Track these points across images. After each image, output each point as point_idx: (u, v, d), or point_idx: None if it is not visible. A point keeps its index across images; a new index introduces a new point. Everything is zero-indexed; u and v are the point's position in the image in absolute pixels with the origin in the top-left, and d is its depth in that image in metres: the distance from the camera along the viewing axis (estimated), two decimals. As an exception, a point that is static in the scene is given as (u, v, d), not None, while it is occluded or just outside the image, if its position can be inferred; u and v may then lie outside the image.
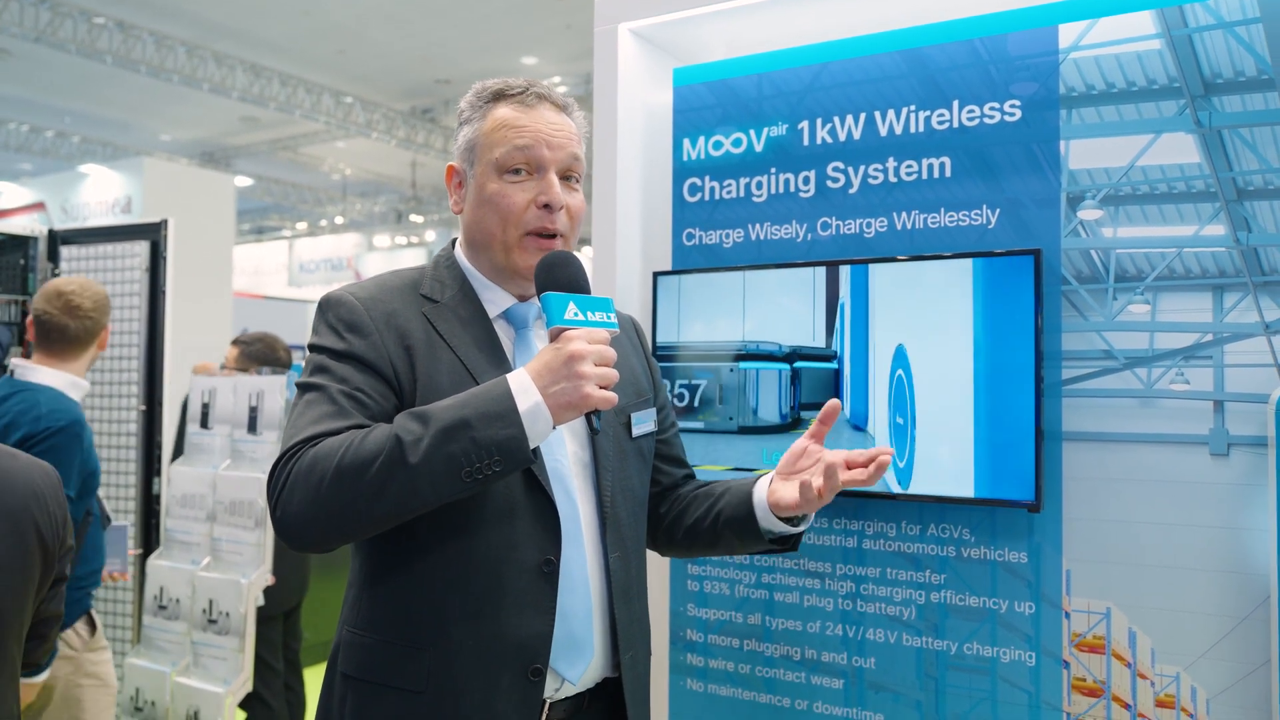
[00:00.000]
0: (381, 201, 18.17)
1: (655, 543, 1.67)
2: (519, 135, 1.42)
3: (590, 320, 1.32)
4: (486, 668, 1.34)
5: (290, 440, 1.30)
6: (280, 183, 17.21)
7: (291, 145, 14.95)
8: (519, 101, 1.44)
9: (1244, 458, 1.69)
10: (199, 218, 3.51)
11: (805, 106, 2.09)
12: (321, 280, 17.72)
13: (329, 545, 1.30)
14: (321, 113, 12.57)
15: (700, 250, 2.22)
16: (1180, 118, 1.74)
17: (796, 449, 1.49)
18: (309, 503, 1.24)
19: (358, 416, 1.32)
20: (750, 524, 1.49)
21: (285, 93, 12.08)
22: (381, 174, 16.81)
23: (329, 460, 1.24)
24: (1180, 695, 1.74)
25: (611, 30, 2.25)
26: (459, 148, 1.49)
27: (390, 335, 1.38)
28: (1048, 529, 1.84)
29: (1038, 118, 1.86)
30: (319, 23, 10.39)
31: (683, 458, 1.71)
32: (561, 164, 1.44)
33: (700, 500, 1.59)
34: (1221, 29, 1.71)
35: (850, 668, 2.02)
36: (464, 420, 1.24)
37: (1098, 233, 1.81)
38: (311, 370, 1.38)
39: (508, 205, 1.42)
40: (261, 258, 18.78)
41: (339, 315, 1.40)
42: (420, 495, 1.24)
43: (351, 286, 1.45)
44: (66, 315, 2.50)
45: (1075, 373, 1.83)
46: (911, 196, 1.99)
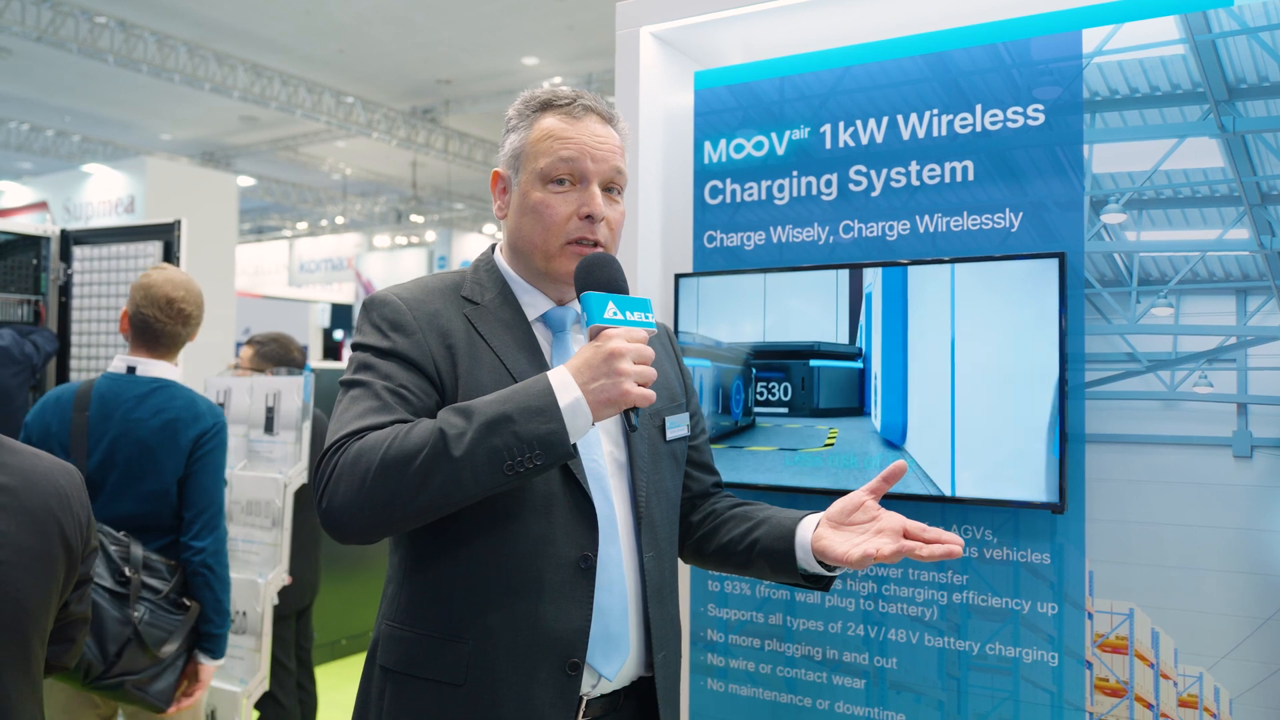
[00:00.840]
0: (382, 201, 18.17)
1: (682, 551, 1.68)
2: (564, 146, 1.45)
3: (629, 320, 1.34)
4: (524, 659, 1.36)
5: (336, 434, 1.33)
6: (280, 182, 17.21)
7: (292, 145, 14.95)
8: (566, 112, 1.47)
9: (1267, 460, 1.71)
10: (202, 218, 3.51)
11: (827, 110, 2.10)
12: (321, 280, 17.74)
13: (372, 536, 1.33)
14: (322, 112, 12.56)
15: (721, 252, 2.23)
16: (1204, 122, 1.76)
17: (854, 502, 1.47)
18: (354, 494, 1.27)
19: (401, 412, 1.35)
20: (788, 560, 1.50)
21: (286, 92, 12.07)
22: (382, 174, 16.81)
23: (374, 453, 1.27)
24: (1203, 695, 1.75)
25: (633, 33, 2.26)
26: (505, 155, 1.52)
27: (433, 335, 1.42)
28: (1071, 530, 1.85)
29: (1061, 122, 1.87)
30: (320, 22, 10.39)
31: (712, 464, 1.73)
32: (604, 176, 1.47)
33: (737, 521, 1.60)
34: (1245, 34, 1.72)
35: (872, 668, 2.03)
36: (506, 415, 1.26)
37: (1121, 236, 1.83)
38: (356, 367, 1.41)
39: (550, 215, 1.45)
40: (262, 257, 18.78)
41: (383, 315, 1.43)
42: (463, 487, 1.26)
43: (395, 288, 1.48)
44: (179, 322, 2.53)
45: (1098, 375, 1.84)
46: (934, 200, 2.00)
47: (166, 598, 2.34)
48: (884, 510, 1.44)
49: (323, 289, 17.37)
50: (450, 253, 16.46)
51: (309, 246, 18.78)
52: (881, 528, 1.41)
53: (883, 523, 1.42)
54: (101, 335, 3.56)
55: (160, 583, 2.34)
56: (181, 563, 2.42)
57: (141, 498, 2.41)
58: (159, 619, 2.32)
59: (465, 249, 16.91)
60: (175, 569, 2.39)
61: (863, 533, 1.43)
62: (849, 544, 1.41)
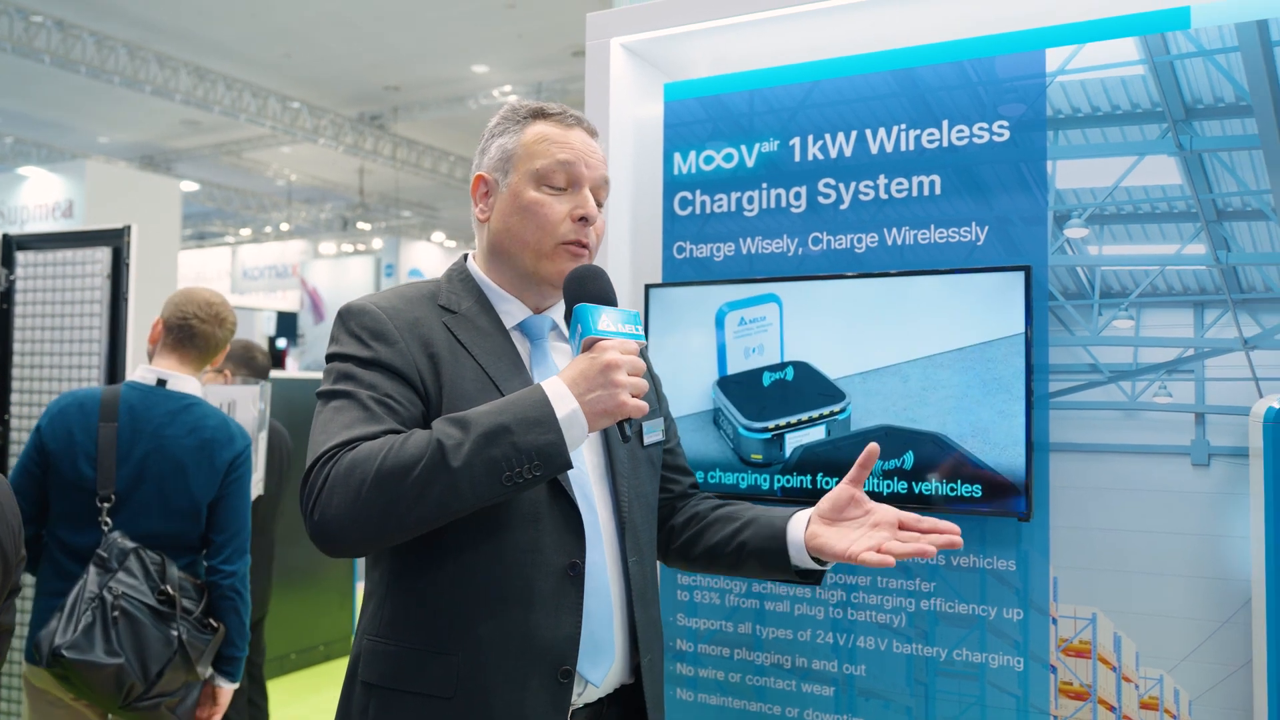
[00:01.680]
0: (328, 208, 17.92)
1: (666, 555, 1.69)
2: (562, 150, 1.47)
3: (622, 332, 1.35)
4: (516, 669, 1.36)
5: (325, 445, 1.31)
6: (223, 188, 16.88)
7: (235, 150, 14.68)
8: (558, 120, 1.51)
9: (1224, 468, 1.76)
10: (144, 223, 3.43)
11: (797, 123, 2.13)
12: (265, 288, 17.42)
13: (366, 549, 1.32)
14: (267, 117, 12.37)
15: (691, 263, 2.24)
16: (1162, 141, 1.82)
17: (842, 497, 1.49)
18: (349, 505, 1.26)
19: (390, 422, 1.34)
20: (780, 558, 1.52)
21: (230, 96, 11.86)
22: (328, 180, 16.58)
23: (369, 463, 1.26)
24: (1164, 697, 1.80)
25: (604, 45, 2.27)
26: (491, 159, 1.52)
27: (415, 344, 1.41)
28: (1035, 537, 1.89)
29: (1025, 138, 1.92)
30: (266, 25, 10.23)
31: (688, 467, 1.76)
32: (595, 183, 1.50)
33: (723, 523, 1.62)
34: (1202, 57, 1.78)
35: (841, 675, 2.05)
36: (504, 425, 1.26)
37: (1083, 250, 1.88)
38: (336, 378, 1.40)
39: (545, 214, 1.46)
40: (204, 264, 18.39)
41: (362, 324, 1.42)
42: (461, 498, 1.26)
43: (371, 297, 1.47)
44: (215, 325, 2.51)
45: (1062, 386, 1.88)
46: (902, 213, 2.03)
47: (198, 619, 2.31)
48: (875, 503, 1.47)
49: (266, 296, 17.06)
50: (398, 261, 16.29)
51: (253, 253, 18.44)
52: (877, 521, 1.44)
53: (877, 516, 1.45)
54: (47, 344, 3.46)
55: (191, 603, 2.31)
56: (208, 585, 2.39)
57: (171, 516, 2.37)
58: (195, 639, 2.30)
59: (413, 257, 16.76)
60: (201, 589, 2.36)
61: (858, 527, 1.45)
62: (847, 540, 1.44)
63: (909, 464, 1.92)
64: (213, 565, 2.41)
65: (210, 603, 2.37)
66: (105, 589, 2.20)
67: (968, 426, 1.86)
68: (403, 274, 16.31)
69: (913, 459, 1.91)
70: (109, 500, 2.33)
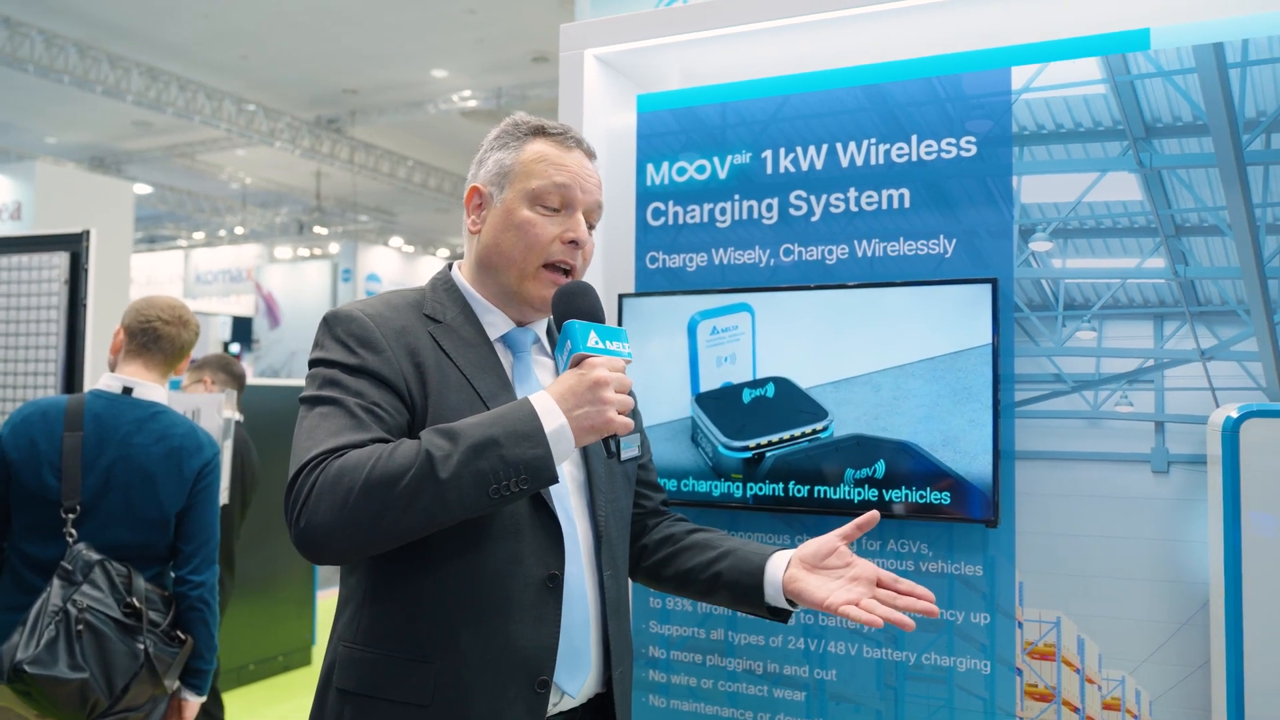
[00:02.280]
0: (284, 212, 17.70)
1: (633, 572, 1.71)
2: (559, 172, 1.48)
3: (610, 349, 1.37)
4: (494, 677, 1.37)
5: (311, 451, 1.31)
6: (176, 190, 16.60)
7: (188, 152, 14.46)
8: (559, 141, 1.51)
9: (1183, 475, 1.82)
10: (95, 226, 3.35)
11: (769, 136, 2.16)
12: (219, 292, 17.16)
13: (351, 556, 1.32)
14: (222, 119, 12.19)
15: (663, 273, 2.27)
16: (1124, 158, 1.88)
17: (827, 546, 1.51)
18: (336, 513, 1.26)
19: (378, 430, 1.34)
20: (755, 594, 1.55)
21: (184, 98, 11.68)
22: (284, 184, 16.38)
23: (357, 471, 1.26)
24: (1125, 698, 1.85)
25: (577, 56, 2.28)
26: (488, 171, 1.53)
27: (402, 352, 1.41)
28: (1002, 543, 1.94)
29: (992, 154, 1.97)
30: (220, 26, 10.09)
31: (659, 483, 1.78)
32: (588, 208, 1.52)
33: (697, 550, 1.63)
34: (1161, 77, 1.84)
35: (812, 680, 2.08)
36: (493, 438, 1.28)
37: (1048, 263, 1.93)
38: (321, 384, 1.39)
39: (535, 234, 1.47)
40: (155, 267, 18.06)
41: (349, 330, 1.41)
42: (448, 509, 1.27)
43: (358, 303, 1.47)
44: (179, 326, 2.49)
45: (1027, 395, 1.93)
46: (871, 225, 2.07)
47: (165, 631, 2.27)
48: (856, 557, 1.50)
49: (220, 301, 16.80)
50: (355, 266, 16.13)
51: (206, 257, 18.16)
52: (856, 575, 1.47)
53: (856, 570, 1.48)
54: (3, 350, 3.39)
55: (158, 615, 2.27)
56: (176, 595, 2.35)
57: (139, 526, 2.33)
58: (162, 651, 2.26)
59: (370, 262, 16.61)
60: (169, 600, 2.32)
61: (837, 578, 1.48)
62: (826, 590, 1.47)
63: (880, 473, 1.95)
64: (181, 575, 2.38)
65: (178, 614, 2.33)
66: (69, 602, 2.16)
67: (938, 435, 1.90)
68: (360, 279, 16.15)
69: (884, 467, 1.95)
70: (74, 511, 2.29)
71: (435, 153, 15.07)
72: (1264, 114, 1.77)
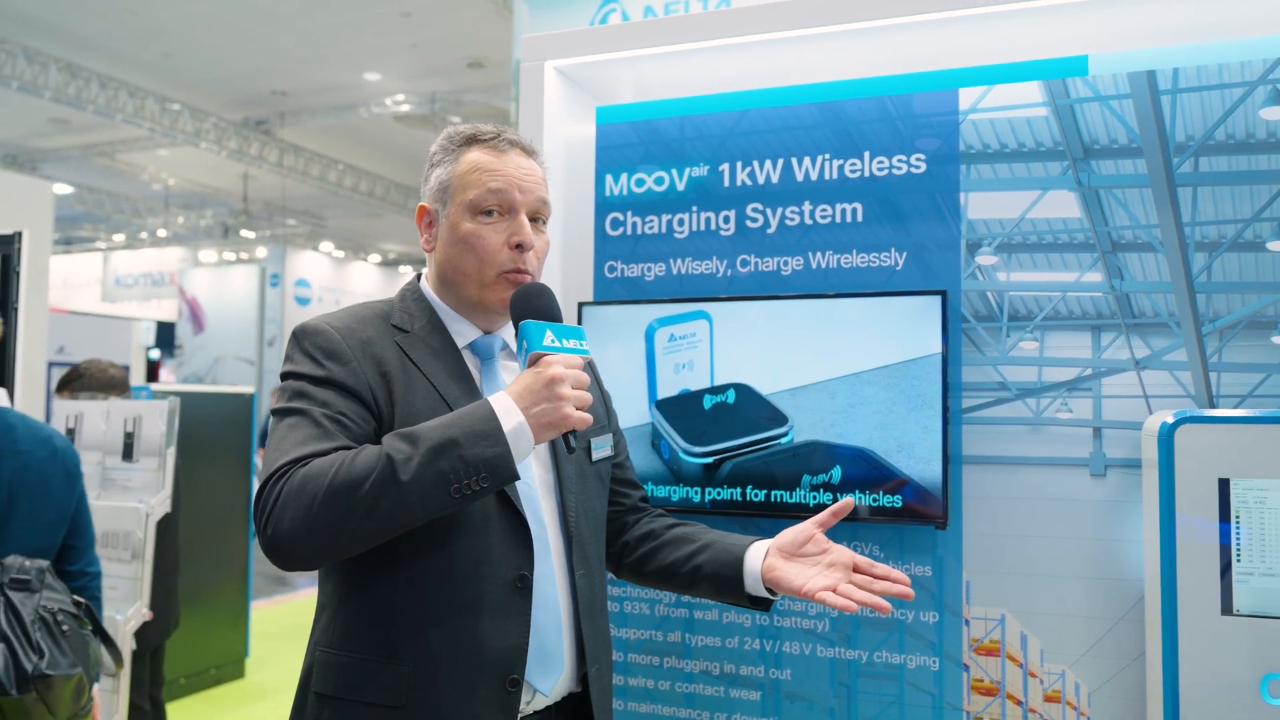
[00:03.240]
0: (209, 215, 17.26)
1: (618, 569, 1.74)
2: (492, 178, 1.50)
3: (566, 347, 1.41)
4: (465, 678, 1.40)
5: (278, 461, 1.34)
6: (95, 191, 16.07)
7: (108, 151, 14.03)
8: (491, 146, 1.53)
9: (1119, 478, 1.92)
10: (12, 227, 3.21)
11: (726, 150, 2.22)
12: (140, 296, 16.66)
13: (317, 562, 1.35)
14: (145, 118, 11.87)
15: (622, 283, 2.31)
16: (1064, 177, 1.98)
17: (804, 534, 1.57)
18: (301, 520, 1.28)
19: (343, 439, 1.37)
20: (735, 585, 1.59)
21: (105, 95, 11.34)
22: (209, 185, 15.99)
23: (321, 479, 1.29)
24: (1065, 690, 1.94)
25: (538, 67, 2.31)
26: (430, 189, 1.56)
27: (368, 363, 1.44)
28: (950, 544, 2.02)
29: (940, 171, 2.06)
30: (145, 23, 9.84)
31: (636, 480, 1.81)
32: (531, 206, 1.53)
33: (678, 544, 1.68)
34: (1098, 102, 1.95)
35: (767, 680, 2.14)
36: (452, 439, 1.31)
37: (993, 276, 2.02)
38: (290, 396, 1.42)
39: (482, 245, 1.49)
40: (72, 270, 17.45)
41: (316, 344, 1.44)
42: (411, 511, 1.30)
43: (325, 317, 1.50)
44: None
45: (974, 402, 2.02)
46: (825, 238, 2.14)
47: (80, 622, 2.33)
48: (832, 543, 1.55)
49: (141, 305, 16.31)
50: (284, 271, 15.83)
51: (126, 259, 17.61)
52: (833, 561, 1.53)
53: (833, 556, 1.53)
54: (-71, 355, 3.27)
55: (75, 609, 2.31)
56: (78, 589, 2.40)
57: (44, 529, 2.34)
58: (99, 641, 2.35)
59: (299, 267, 16.31)
60: None
61: (814, 564, 1.54)
62: (804, 577, 1.52)
63: (836, 478, 2.02)
64: (80, 569, 2.43)
65: None
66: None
67: (893, 441, 1.98)
68: (289, 284, 15.84)
69: (840, 472, 2.02)
70: None
71: (367, 157, 14.89)
72: (1192, 138, 1.89)
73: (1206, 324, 1.88)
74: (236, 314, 15.43)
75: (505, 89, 10.42)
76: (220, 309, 15.60)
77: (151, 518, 2.84)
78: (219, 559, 5.42)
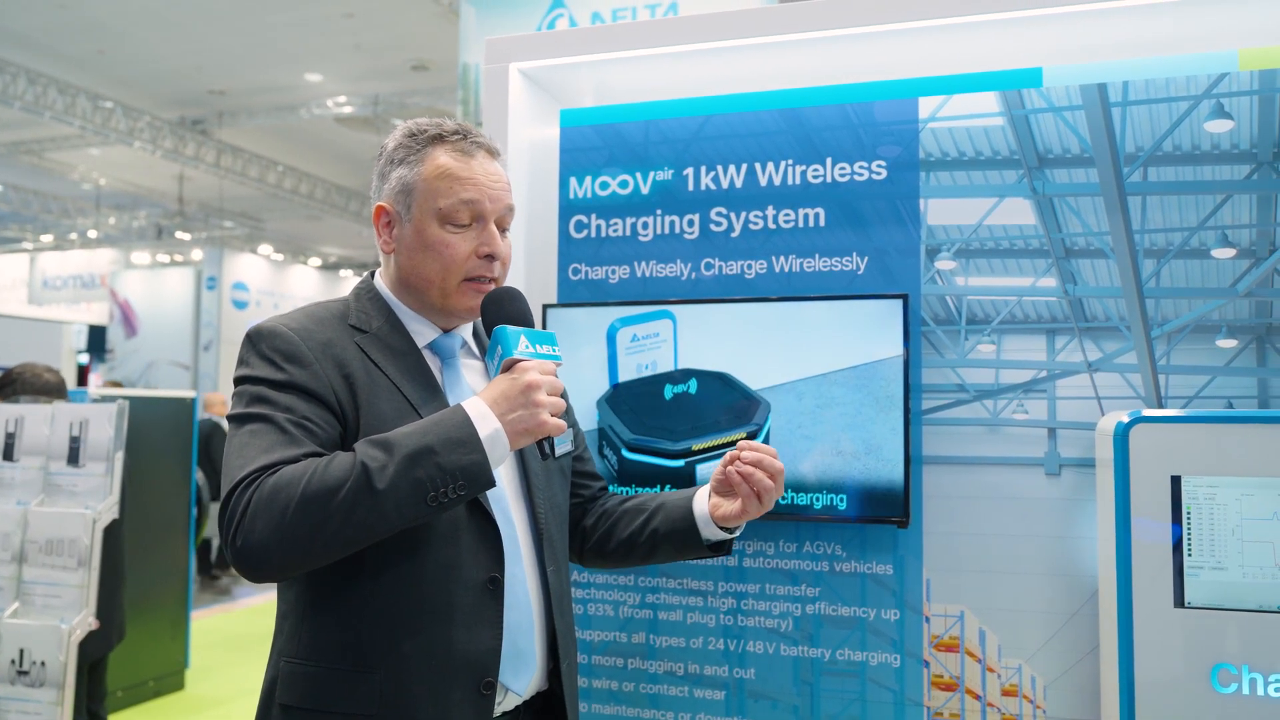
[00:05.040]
0: (142, 215, 16.81)
1: (581, 556, 1.75)
2: (464, 188, 1.47)
3: (541, 353, 1.41)
4: (438, 683, 1.39)
5: (243, 469, 1.30)
6: (21, 189, 15.55)
7: (36, 149, 13.60)
8: (458, 148, 1.50)
9: (1073, 477, 1.98)
10: None
11: (690, 154, 2.24)
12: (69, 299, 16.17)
13: (289, 572, 1.32)
14: (76, 116, 11.52)
15: (586, 285, 2.31)
16: (1019, 185, 2.04)
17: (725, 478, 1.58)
18: (273, 530, 1.26)
19: (310, 444, 1.35)
20: (692, 536, 1.62)
21: (34, 91, 10.99)
22: (142, 186, 15.58)
23: (293, 487, 1.26)
24: (1022, 684, 2.00)
25: (502, 69, 2.31)
26: (391, 189, 1.51)
27: (329, 365, 1.42)
28: (911, 543, 2.06)
29: (901, 177, 2.10)
30: (76, 18, 9.56)
31: (596, 471, 1.82)
32: (499, 215, 1.52)
33: (631, 515, 1.69)
34: (1052, 112, 2.01)
35: (732, 679, 2.16)
36: (429, 447, 1.29)
37: (952, 281, 2.07)
38: (249, 401, 1.39)
39: (450, 255, 1.48)
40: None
41: (274, 346, 1.41)
42: (386, 520, 1.28)
43: (281, 318, 1.47)
44: None
45: (933, 403, 2.07)
46: (789, 242, 2.18)
47: None
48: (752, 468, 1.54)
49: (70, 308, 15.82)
50: (220, 273, 15.48)
51: (54, 261, 17.07)
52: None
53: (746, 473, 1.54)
54: None
55: None
56: None
57: None
58: None
59: (238, 270, 15.97)
60: None
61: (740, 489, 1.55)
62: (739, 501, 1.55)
63: (801, 477, 2.05)
64: None
65: None
66: None
67: (861, 443, 2.01)
68: (226, 287, 15.50)
69: (804, 472, 2.05)
70: None
71: (308, 158, 14.65)
72: (1142, 149, 1.96)
73: (1155, 328, 1.95)
74: (170, 317, 15.05)
75: (450, 92, 10.33)
76: (153, 312, 15.20)
77: (99, 524, 2.76)
78: (159, 567, 5.28)
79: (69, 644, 2.67)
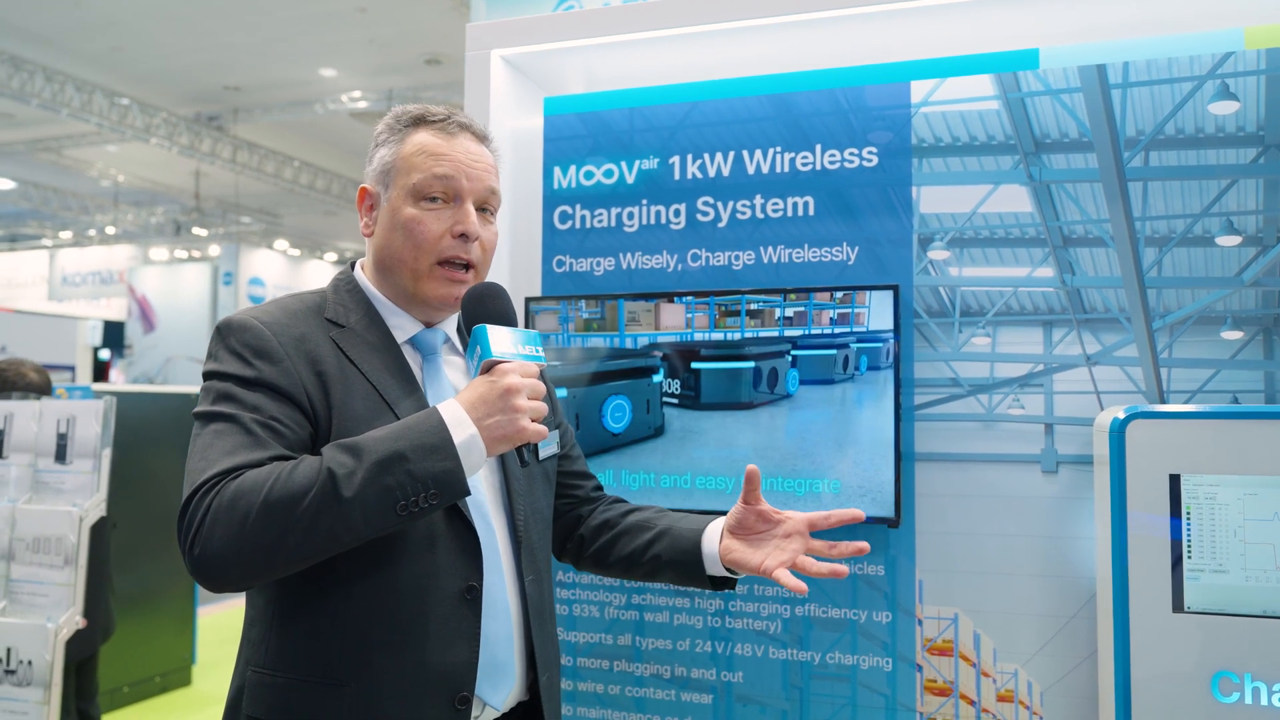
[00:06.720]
0: (159, 212, 16.91)
1: (579, 561, 1.68)
2: (439, 163, 1.41)
3: (522, 354, 1.33)
4: (412, 699, 1.32)
5: (204, 473, 1.24)
6: (40, 187, 15.68)
7: (54, 147, 13.69)
8: (440, 129, 1.44)
9: (1070, 474, 1.91)
10: None
11: (676, 142, 2.18)
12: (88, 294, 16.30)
13: (249, 583, 1.26)
14: (93, 113, 11.59)
15: (570, 277, 2.25)
16: (1015, 171, 1.96)
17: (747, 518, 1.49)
18: (233, 539, 1.19)
19: (277, 447, 1.28)
20: (696, 569, 1.54)
21: (51, 89, 11.05)
22: (160, 182, 15.67)
23: (255, 494, 1.19)
24: (1018, 689, 1.92)
25: (484, 56, 2.25)
26: (373, 170, 1.46)
27: (302, 361, 1.35)
28: (903, 543, 1.99)
29: (893, 165, 2.03)
30: (93, 16, 9.60)
31: (588, 470, 1.75)
32: (479, 195, 1.44)
33: (635, 532, 1.61)
34: (1049, 95, 1.93)
35: (719, 682, 2.10)
36: (400, 453, 1.22)
37: (945, 271, 2.00)
38: (215, 398, 1.32)
39: (422, 232, 1.41)
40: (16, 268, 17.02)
41: (244, 340, 1.34)
42: (353, 529, 1.21)
43: (253, 310, 1.40)
44: None
45: (926, 398, 1.99)
46: (777, 232, 2.11)
47: None
48: (785, 513, 1.48)
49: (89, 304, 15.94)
50: (237, 269, 15.55)
51: (73, 257, 17.21)
52: (788, 531, 1.47)
53: (788, 526, 1.47)
54: None
55: None
56: None
57: None
58: None
59: (254, 265, 16.04)
60: None
61: (769, 540, 1.48)
62: (761, 555, 1.47)
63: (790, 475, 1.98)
64: None
65: None
66: None
67: (850, 439, 1.94)
68: (242, 283, 15.57)
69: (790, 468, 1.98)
70: None
71: (323, 154, 14.67)
72: (1143, 133, 1.88)
73: (1157, 319, 1.87)
74: (188, 313, 15.13)
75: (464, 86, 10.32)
76: (171, 308, 15.29)
77: (86, 521, 2.73)
78: (164, 563, 5.27)
79: (56, 643, 2.64)
